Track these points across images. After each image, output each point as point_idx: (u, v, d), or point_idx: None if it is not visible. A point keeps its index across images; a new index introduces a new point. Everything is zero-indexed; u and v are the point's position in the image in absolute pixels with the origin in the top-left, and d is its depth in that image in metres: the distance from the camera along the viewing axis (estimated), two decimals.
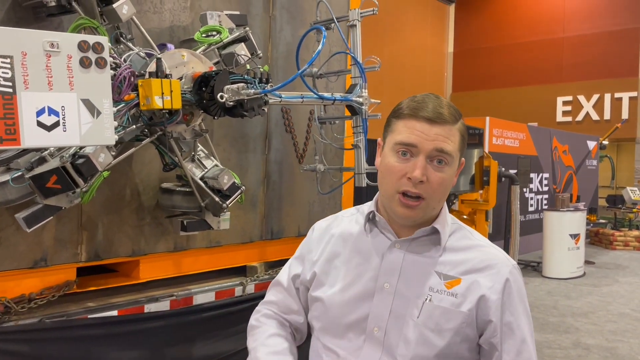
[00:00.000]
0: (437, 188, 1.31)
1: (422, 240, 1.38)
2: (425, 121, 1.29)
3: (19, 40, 1.81)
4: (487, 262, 1.36)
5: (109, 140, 2.04)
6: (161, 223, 3.19)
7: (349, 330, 1.37)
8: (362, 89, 3.12)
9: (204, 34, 2.87)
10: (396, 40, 15.61)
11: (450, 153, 1.30)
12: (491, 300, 1.31)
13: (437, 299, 1.31)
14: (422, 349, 1.30)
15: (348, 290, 1.39)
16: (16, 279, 2.69)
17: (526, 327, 1.36)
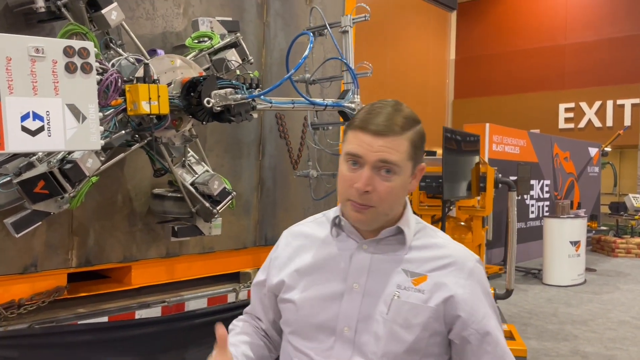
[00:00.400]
0: (385, 197, 1.34)
1: (388, 240, 1.43)
2: (371, 133, 1.33)
3: (3, 46, 1.82)
4: (451, 258, 1.41)
5: (94, 145, 2.04)
6: (153, 229, 3.18)
7: (319, 332, 1.40)
8: (355, 95, 3.11)
9: (195, 40, 2.88)
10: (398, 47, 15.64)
11: (396, 163, 1.33)
12: (457, 295, 1.36)
13: (405, 295, 1.36)
14: (392, 344, 1.33)
15: (317, 293, 1.43)
16: (5, 285, 2.68)
17: (492, 318, 1.39)
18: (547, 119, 16.17)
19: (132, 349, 2.98)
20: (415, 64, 16.47)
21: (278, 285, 1.51)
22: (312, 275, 1.46)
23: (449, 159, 4.40)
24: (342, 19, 3.23)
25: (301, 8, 3.88)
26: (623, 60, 15.11)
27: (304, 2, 3.90)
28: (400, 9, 15.69)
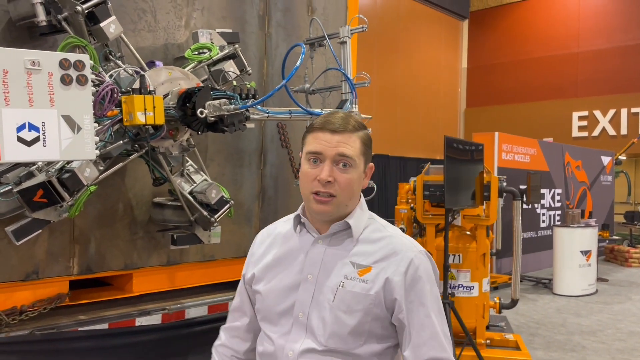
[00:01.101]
0: (345, 187, 1.52)
1: (340, 234, 1.59)
2: (329, 132, 1.51)
3: (0, 59, 1.88)
4: (394, 249, 1.56)
5: (89, 155, 2.09)
6: (154, 237, 3.23)
7: (281, 317, 1.58)
8: (353, 105, 3.14)
9: (194, 52, 2.94)
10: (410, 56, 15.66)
11: (351, 156, 1.51)
12: (394, 281, 1.51)
13: (350, 285, 1.52)
14: (336, 327, 1.51)
15: (279, 283, 1.60)
16: (7, 292, 2.74)
17: (432, 304, 1.54)
18: (561, 127, 16.02)
19: (132, 356, 3.02)
20: (426, 72, 16.47)
21: (250, 278, 1.68)
22: (276, 268, 1.63)
23: (451, 168, 4.40)
24: (340, 30, 3.26)
25: (303, 19, 3.93)
26: (637, 68, 14.95)
27: (305, 13, 3.95)
28: (412, 19, 15.73)
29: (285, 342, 1.55)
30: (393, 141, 14.27)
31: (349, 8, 4.24)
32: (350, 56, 3.27)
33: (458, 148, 4.57)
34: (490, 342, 5.09)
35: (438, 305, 1.57)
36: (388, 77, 14.48)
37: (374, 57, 13.93)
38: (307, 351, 1.52)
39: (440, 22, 17.18)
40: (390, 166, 12.36)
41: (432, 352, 1.52)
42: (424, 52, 16.35)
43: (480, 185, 4.80)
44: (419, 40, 16.10)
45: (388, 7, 14.85)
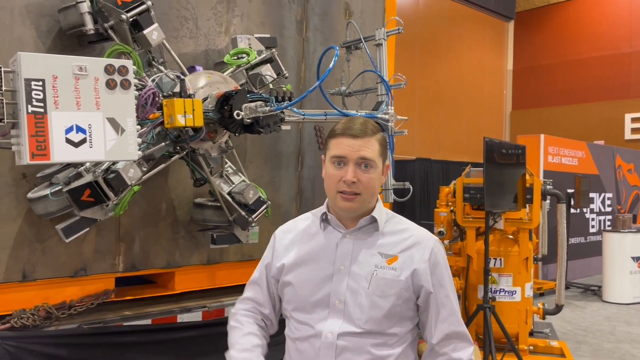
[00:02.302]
0: (367, 186, 1.69)
1: (366, 228, 1.76)
2: (350, 137, 1.68)
3: (50, 65, 2.01)
4: (415, 239, 1.76)
5: (132, 156, 2.19)
6: (195, 236, 3.33)
7: (317, 306, 1.72)
8: (389, 106, 3.16)
9: (233, 57, 3.02)
10: (453, 58, 15.45)
11: (372, 158, 1.68)
12: (421, 269, 1.71)
13: (382, 273, 1.71)
14: (373, 311, 1.68)
15: (312, 276, 1.75)
16: (58, 287, 2.88)
17: (449, 285, 1.76)
18: (612, 129, 15.45)
19: (173, 351, 3.12)
20: (470, 75, 16.21)
21: (280, 268, 1.82)
22: (306, 262, 1.77)
23: (491, 170, 4.34)
24: (376, 33, 3.29)
25: (340, 23, 3.97)
26: None
27: (343, 17, 3.99)
28: (455, 21, 15.54)
29: (322, 327, 1.69)
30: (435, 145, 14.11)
31: (386, 10, 4.26)
32: (386, 58, 3.29)
33: (499, 150, 4.51)
34: (534, 348, 4.97)
35: (452, 286, 1.79)
36: (430, 80, 14.35)
37: (416, 60, 13.83)
38: (346, 334, 1.68)
39: (485, 23, 16.89)
40: (433, 170, 12.20)
41: (452, 327, 1.73)
42: (467, 54, 16.11)
43: (523, 188, 4.71)
44: (462, 42, 15.88)
45: (430, 9, 14.72)
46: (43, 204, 2.56)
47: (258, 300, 1.90)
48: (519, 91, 17.96)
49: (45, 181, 2.64)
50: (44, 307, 2.74)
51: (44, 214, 2.59)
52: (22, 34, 2.68)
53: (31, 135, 1.95)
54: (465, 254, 4.93)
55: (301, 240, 1.82)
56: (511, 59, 18.10)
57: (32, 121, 1.96)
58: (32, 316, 2.68)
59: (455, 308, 1.76)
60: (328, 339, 1.68)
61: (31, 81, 1.96)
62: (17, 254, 2.71)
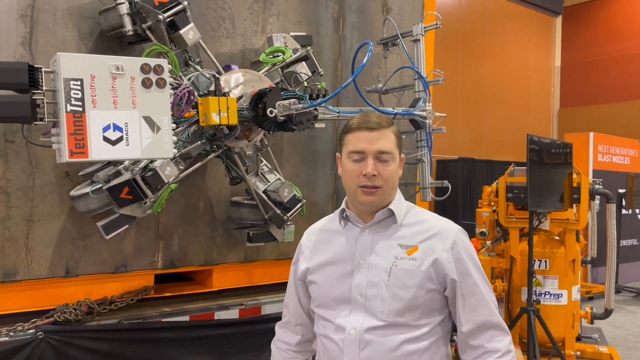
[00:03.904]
0: (387, 178, 1.68)
1: (384, 222, 1.74)
2: (367, 130, 1.67)
3: (88, 65, 2.05)
4: (435, 229, 1.72)
5: (167, 154, 2.22)
6: (232, 234, 3.36)
7: (339, 302, 1.72)
8: (426, 103, 3.10)
9: (269, 55, 3.03)
10: (498, 55, 15.08)
11: (389, 150, 1.68)
12: (443, 259, 1.67)
13: (401, 264, 1.68)
14: (394, 303, 1.65)
15: (334, 272, 1.75)
16: (99, 283, 2.96)
17: (478, 274, 1.70)
18: None
19: (210, 348, 3.15)
20: (516, 72, 15.79)
21: (304, 272, 1.84)
22: (329, 260, 1.77)
23: (535, 168, 4.20)
24: (413, 28, 3.23)
25: (377, 20, 3.92)
26: None
27: (380, 13, 3.95)
28: (500, 17, 15.18)
29: (346, 323, 1.68)
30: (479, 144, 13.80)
31: (425, 6, 4.18)
32: (424, 54, 3.22)
33: (543, 148, 4.36)
34: (581, 354, 4.78)
35: (482, 274, 1.72)
36: (474, 78, 14.05)
37: (459, 58, 13.58)
38: (370, 328, 1.66)
39: (531, 19, 16.42)
40: (476, 170, 11.95)
41: (483, 317, 1.67)
42: (513, 51, 15.69)
43: (569, 187, 4.53)
44: (507, 38, 15.48)
45: (474, 5, 14.42)
46: (84, 202, 2.63)
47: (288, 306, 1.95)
48: (567, 88, 17.37)
49: (87, 179, 2.71)
50: (86, 302, 2.82)
51: (85, 211, 2.66)
52: (65, 36, 2.76)
53: (70, 134, 2.00)
54: (508, 255, 4.79)
55: (324, 240, 1.82)
56: (559, 55, 17.52)
57: (71, 120, 2.00)
58: (75, 311, 2.75)
59: (486, 297, 1.70)
60: (351, 335, 1.67)
61: (70, 81, 2.01)
62: (60, 250, 2.80)
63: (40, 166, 2.71)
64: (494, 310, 1.70)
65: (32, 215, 2.71)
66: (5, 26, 2.60)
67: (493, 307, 1.70)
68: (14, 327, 2.59)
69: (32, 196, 2.70)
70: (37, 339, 2.60)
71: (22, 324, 2.62)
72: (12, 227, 2.66)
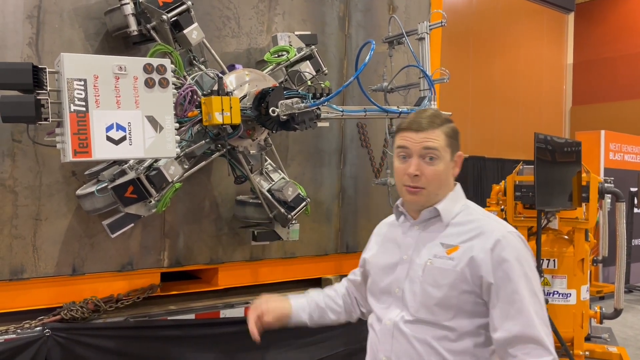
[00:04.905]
0: (432, 178, 1.67)
1: (433, 220, 1.74)
2: (414, 130, 1.68)
3: (91, 65, 2.07)
4: (481, 229, 1.67)
5: (170, 153, 2.23)
6: (238, 233, 3.37)
7: (383, 294, 1.78)
8: (431, 101, 3.09)
9: (273, 54, 3.04)
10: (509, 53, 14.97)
11: (436, 148, 1.66)
12: (479, 259, 1.61)
13: (438, 262, 1.67)
14: (424, 299, 1.66)
15: (382, 264, 1.81)
16: (106, 281, 2.98)
17: (522, 283, 1.58)
18: None
19: (215, 346, 3.17)
20: (528, 70, 15.66)
21: (363, 261, 1.94)
22: (381, 252, 1.85)
23: (543, 167, 4.17)
24: (418, 26, 3.22)
25: (383, 18, 3.91)
26: None
27: (386, 12, 3.94)
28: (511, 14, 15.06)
29: (384, 314, 1.75)
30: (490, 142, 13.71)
31: (432, 4, 4.17)
32: (429, 52, 3.21)
33: (552, 146, 4.32)
34: (590, 354, 4.73)
35: (530, 285, 1.59)
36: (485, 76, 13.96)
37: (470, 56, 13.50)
38: (402, 321, 1.70)
39: (543, 16, 16.28)
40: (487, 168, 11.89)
41: (518, 328, 1.55)
42: (524, 49, 15.57)
43: (578, 186, 4.50)
44: (519, 36, 15.36)
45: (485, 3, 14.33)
46: (90, 201, 2.65)
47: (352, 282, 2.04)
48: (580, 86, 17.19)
49: (93, 178, 2.74)
50: (92, 300, 2.84)
51: (91, 210, 2.69)
52: (71, 37, 2.79)
53: (73, 133, 2.02)
54: None
55: (384, 233, 1.90)
56: (571, 53, 17.35)
57: (75, 119, 2.03)
58: (81, 309, 2.78)
59: (527, 307, 1.57)
60: (386, 326, 1.72)
61: (73, 81, 2.03)
62: (67, 248, 2.83)
63: (47, 165, 2.74)
64: (535, 322, 1.55)
65: (39, 213, 2.74)
66: (12, 27, 2.63)
67: (535, 319, 1.55)
68: (22, 325, 2.63)
69: (39, 195, 2.74)
70: (44, 337, 2.63)
71: (29, 322, 2.66)
72: (19, 225, 2.69)
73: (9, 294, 2.71)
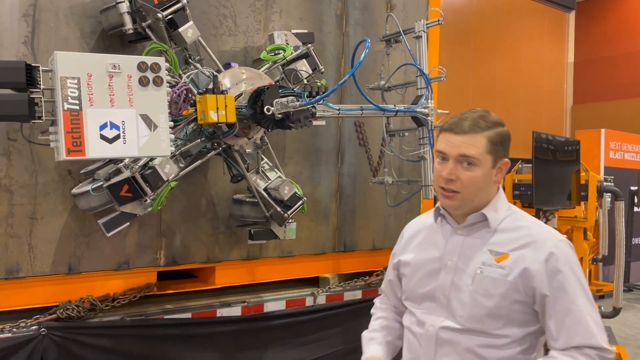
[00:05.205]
0: (468, 184, 1.63)
1: (478, 225, 1.70)
2: (453, 133, 1.65)
3: (84, 63, 2.07)
4: (532, 238, 1.63)
5: (164, 152, 2.23)
6: (234, 232, 3.36)
7: (424, 299, 1.75)
8: (428, 100, 3.08)
9: (270, 53, 3.03)
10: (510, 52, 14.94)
11: (474, 156, 1.61)
12: (534, 270, 1.58)
13: (487, 271, 1.64)
14: (474, 309, 1.63)
15: (422, 269, 1.77)
16: (102, 280, 2.98)
17: (577, 291, 1.58)
18: None
19: (212, 345, 3.16)
20: (528, 68, 15.63)
21: (397, 263, 1.89)
22: (420, 255, 1.81)
23: (541, 165, 4.16)
24: (415, 24, 3.21)
25: (382, 17, 3.90)
26: None
27: (384, 10, 3.93)
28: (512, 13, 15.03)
29: (427, 319, 1.72)
30: None
31: (430, 3, 4.15)
32: (426, 51, 3.20)
33: (550, 145, 4.31)
34: None
35: (584, 293, 1.60)
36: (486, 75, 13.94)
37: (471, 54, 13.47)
38: (446, 329, 1.67)
39: (544, 14, 16.23)
40: None
41: (578, 339, 1.56)
42: (525, 48, 15.53)
43: (577, 185, 4.49)
44: (519, 35, 15.33)
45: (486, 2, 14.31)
46: (86, 199, 2.65)
47: (385, 292, 2.02)
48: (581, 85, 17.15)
49: (89, 177, 2.74)
50: (88, 299, 2.84)
51: (87, 208, 2.68)
52: (67, 35, 2.78)
53: (67, 132, 2.02)
54: None
55: (420, 235, 1.86)
56: (572, 51, 17.31)
57: (68, 118, 2.02)
58: (77, 308, 2.78)
59: (585, 317, 1.57)
60: (429, 332, 1.70)
61: (67, 79, 2.02)
62: (63, 247, 2.82)
63: (43, 164, 2.73)
64: (594, 331, 1.56)
65: (35, 212, 2.74)
66: (7, 26, 2.63)
67: (593, 327, 1.57)
68: (17, 324, 2.62)
69: (35, 194, 2.73)
70: (40, 336, 2.63)
71: (25, 321, 2.65)
72: (15, 224, 2.69)
73: (4, 293, 2.70)
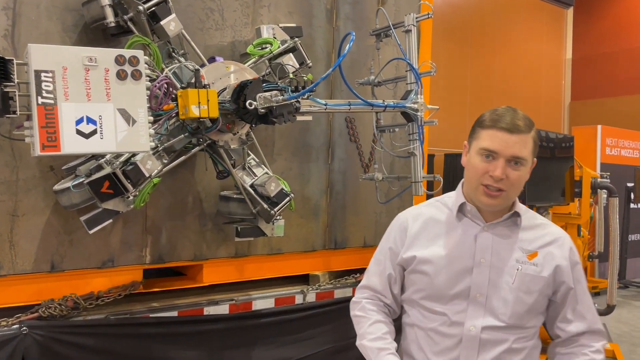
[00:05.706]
0: (515, 183, 1.68)
1: (505, 222, 1.76)
2: (505, 131, 1.64)
3: (60, 56, 2.01)
4: (552, 236, 1.79)
5: (143, 147, 2.18)
6: (222, 229, 3.31)
7: (455, 298, 1.74)
8: (418, 95, 3.03)
9: (256, 47, 2.97)
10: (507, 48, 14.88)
11: (525, 157, 1.66)
12: (563, 266, 1.75)
13: (525, 268, 1.72)
14: (517, 306, 1.71)
15: (451, 267, 1.75)
16: (86, 278, 2.93)
17: (585, 282, 1.81)
18: None
19: (199, 344, 3.12)
20: (526, 65, 15.57)
21: (409, 260, 1.82)
22: (443, 253, 1.77)
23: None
24: (405, 18, 3.16)
25: (372, 11, 3.84)
26: None
27: (375, 4, 3.87)
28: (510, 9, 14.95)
29: (464, 319, 1.73)
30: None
31: None
32: (417, 45, 3.15)
33: (544, 141, 4.27)
34: None
35: (586, 282, 1.83)
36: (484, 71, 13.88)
37: (469, 50, 13.41)
38: (489, 327, 1.71)
39: (542, 10, 16.17)
40: None
41: (587, 324, 1.77)
42: (523, 44, 15.48)
43: (571, 181, 4.45)
44: (518, 31, 15.26)
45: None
46: (67, 196, 2.60)
47: (376, 288, 1.92)
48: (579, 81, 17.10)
49: (71, 173, 2.68)
50: (71, 297, 2.79)
51: (68, 205, 2.63)
52: (49, 29, 2.72)
53: (41, 127, 1.96)
54: None
55: (436, 231, 1.82)
56: (570, 48, 17.26)
57: (42, 112, 1.97)
58: (60, 306, 2.73)
59: (590, 304, 1.80)
60: (471, 332, 1.71)
61: (41, 72, 1.97)
62: (45, 245, 2.77)
63: (24, 160, 2.68)
64: (596, 317, 1.80)
65: (16, 209, 2.69)
66: None
67: (595, 314, 1.80)
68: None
69: (16, 190, 2.68)
70: (21, 335, 2.57)
71: (6, 319, 2.60)
72: None
73: None
